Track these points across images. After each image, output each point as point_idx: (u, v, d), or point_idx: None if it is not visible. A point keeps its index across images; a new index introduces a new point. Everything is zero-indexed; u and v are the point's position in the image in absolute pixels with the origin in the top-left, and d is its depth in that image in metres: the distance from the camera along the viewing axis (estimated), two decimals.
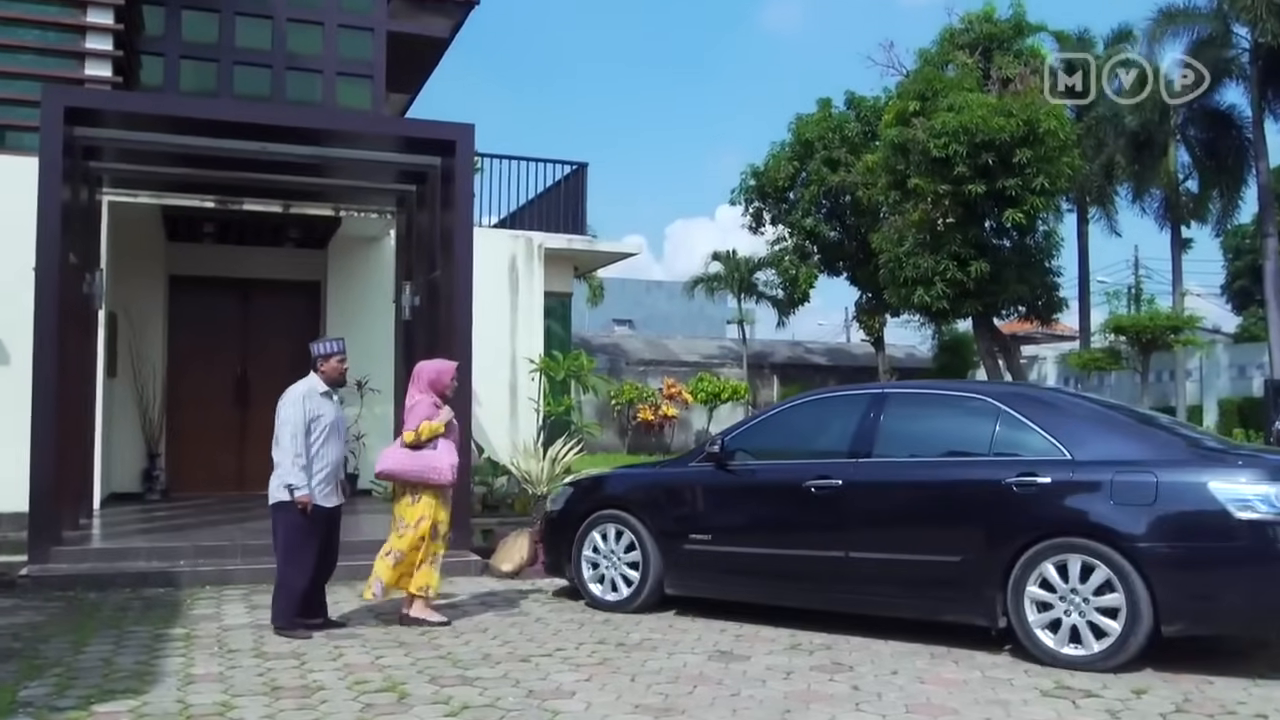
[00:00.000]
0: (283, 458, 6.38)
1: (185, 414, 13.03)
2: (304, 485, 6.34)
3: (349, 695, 5.10)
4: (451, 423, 6.80)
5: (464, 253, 9.17)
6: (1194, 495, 5.50)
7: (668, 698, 5.10)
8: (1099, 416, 6.28)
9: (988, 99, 20.15)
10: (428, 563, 6.68)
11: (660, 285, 52.61)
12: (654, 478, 7.69)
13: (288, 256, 13.68)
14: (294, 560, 6.44)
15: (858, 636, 6.34)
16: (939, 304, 20.78)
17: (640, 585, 7.16)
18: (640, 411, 27.07)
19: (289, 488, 6.35)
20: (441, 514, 6.73)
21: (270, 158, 9.67)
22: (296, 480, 6.34)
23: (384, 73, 13.15)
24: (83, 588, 7.76)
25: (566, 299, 15.31)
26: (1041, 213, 20.46)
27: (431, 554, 6.69)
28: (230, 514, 10.75)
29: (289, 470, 6.35)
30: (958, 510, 6.14)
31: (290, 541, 6.44)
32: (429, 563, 6.68)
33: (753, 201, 29.18)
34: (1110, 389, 27.72)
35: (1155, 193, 29.30)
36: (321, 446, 6.47)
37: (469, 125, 9.30)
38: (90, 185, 9.79)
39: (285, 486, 6.36)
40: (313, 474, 6.42)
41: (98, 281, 9.76)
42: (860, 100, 27.88)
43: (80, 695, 5.05)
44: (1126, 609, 5.45)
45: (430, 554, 6.68)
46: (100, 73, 11.16)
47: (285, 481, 6.36)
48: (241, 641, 6.22)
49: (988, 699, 5.09)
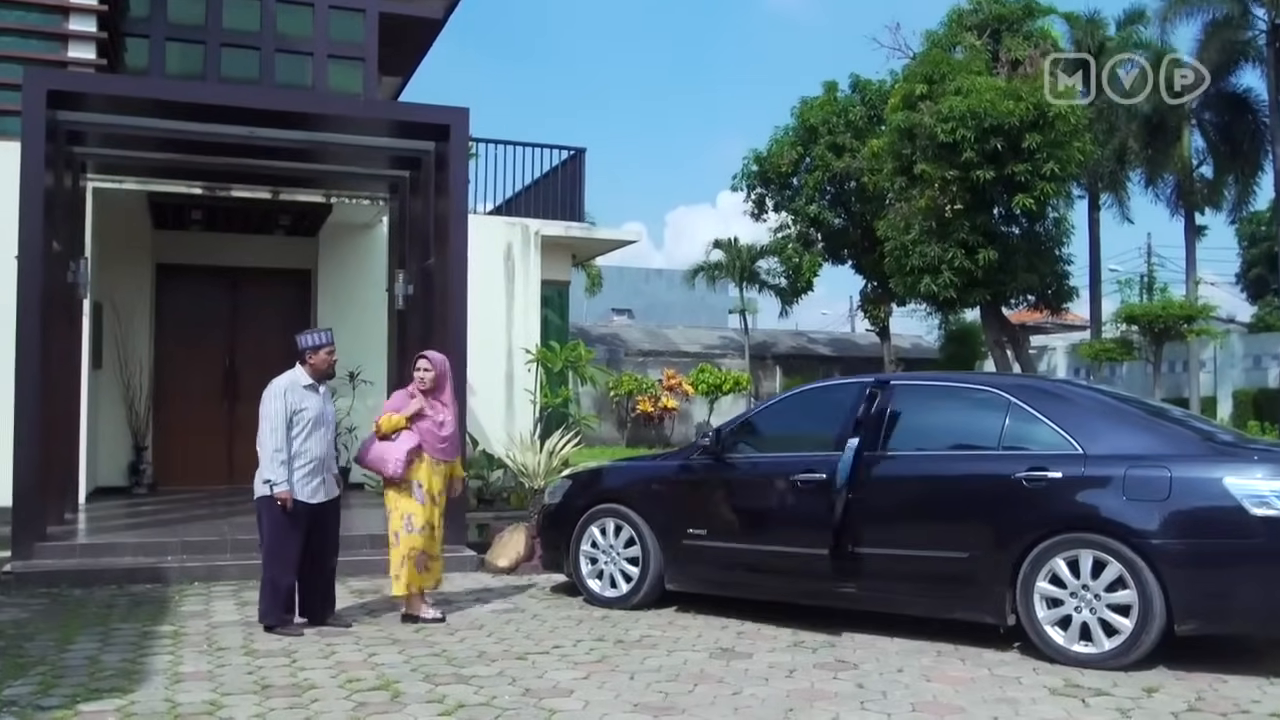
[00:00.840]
0: (262, 453, 6.40)
1: (172, 406, 13.03)
2: (282, 481, 6.34)
3: (341, 694, 5.10)
4: (427, 412, 6.79)
5: (459, 240, 9.16)
6: (1208, 491, 5.50)
7: (668, 696, 5.10)
8: (1111, 409, 6.27)
9: (996, 82, 20.11)
10: (409, 558, 6.69)
11: (660, 274, 52.58)
12: (654, 471, 7.69)
13: (278, 244, 13.66)
14: (278, 556, 6.44)
15: (862, 634, 6.35)
16: (946, 293, 20.77)
17: (640, 581, 7.16)
18: (639, 403, 27.08)
19: (268, 483, 6.36)
20: (406, 506, 6.72)
21: (259, 143, 9.64)
22: (275, 476, 6.34)
23: (376, 55, 13.12)
24: (68, 584, 7.76)
25: (564, 288, 15.29)
26: (1051, 199, 20.43)
27: (407, 549, 6.70)
28: (219, 508, 10.75)
29: (267, 465, 6.36)
30: (965, 505, 6.14)
31: (273, 538, 6.45)
32: (409, 558, 6.69)
33: (755, 188, 29.14)
34: (1122, 380, 27.74)
35: (1169, 178, 29.31)
36: (304, 441, 6.46)
37: (463, 109, 9.27)
38: (74, 171, 9.77)
39: (265, 482, 6.38)
40: (294, 469, 6.41)
41: (82, 270, 9.74)
42: (866, 84, 27.83)
43: (65, 694, 5.05)
44: (1139, 606, 5.45)
45: (407, 549, 6.70)
46: (84, 55, 11.13)
47: (264, 477, 6.38)
48: (231, 639, 6.22)
49: (995, 697, 5.09)
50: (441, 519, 6.95)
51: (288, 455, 6.38)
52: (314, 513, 6.53)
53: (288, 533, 6.42)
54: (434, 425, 6.81)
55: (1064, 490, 5.79)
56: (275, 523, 6.42)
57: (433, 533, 6.81)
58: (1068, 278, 22.70)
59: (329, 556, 6.75)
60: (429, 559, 6.80)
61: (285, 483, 6.35)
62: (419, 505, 6.73)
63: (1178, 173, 28.73)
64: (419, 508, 6.73)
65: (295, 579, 6.47)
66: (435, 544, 6.86)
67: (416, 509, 6.72)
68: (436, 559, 6.89)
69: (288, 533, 6.42)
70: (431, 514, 6.79)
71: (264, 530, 6.49)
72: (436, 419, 6.83)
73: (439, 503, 6.87)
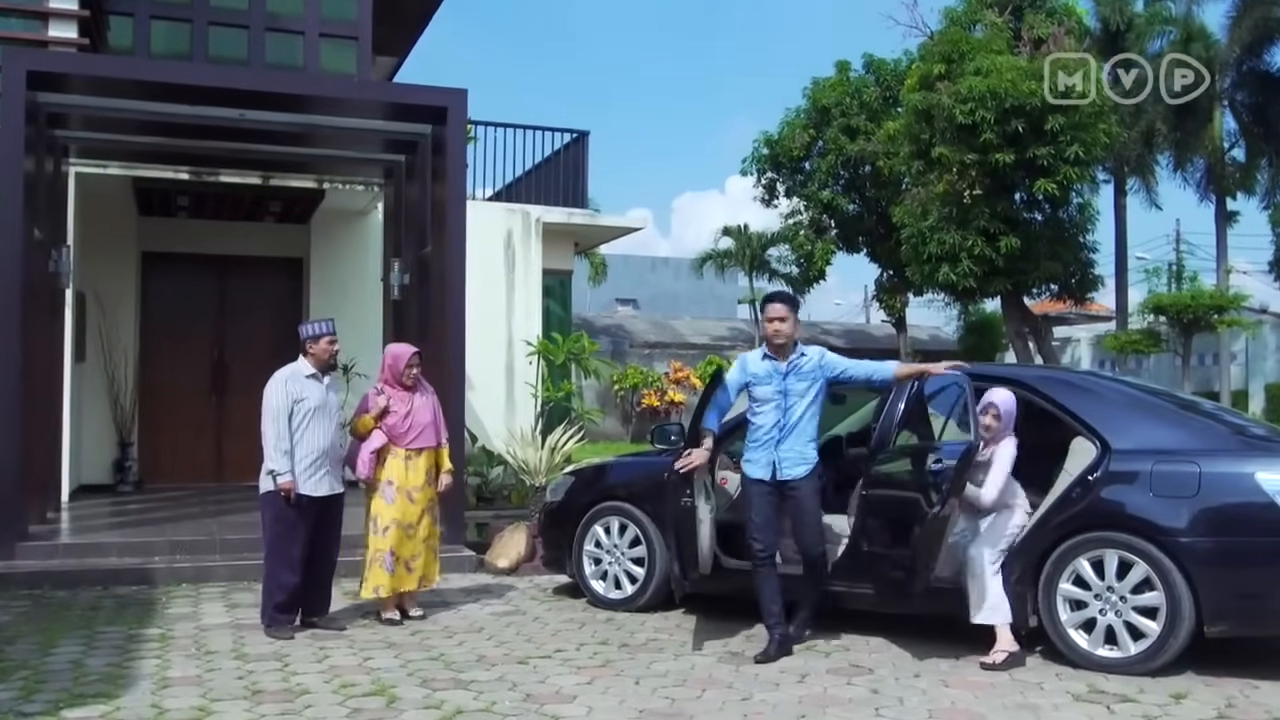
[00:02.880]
0: (266, 444, 6.45)
1: (159, 400, 13.04)
2: (286, 471, 6.37)
3: (335, 699, 5.11)
4: (392, 406, 6.83)
5: (456, 228, 9.16)
6: (1239, 487, 5.49)
7: (674, 702, 5.11)
8: (1137, 402, 6.26)
9: (1018, 61, 20.05)
10: (374, 561, 6.75)
11: (666, 262, 52.61)
12: (661, 467, 7.67)
13: (268, 232, 13.67)
14: (279, 554, 6.47)
15: (877, 637, 6.35)
16: (965, 282, 20.74)
17: (645, 582, 7.16)
18: (645, 397, 27.09)
19: (271, 474, 6.40)
20: (374, 507, 6.82)
21: (249, 126, 9.64)
22: (279, 466, 6.38)
23: (370, 34, 13.08)
24: (51, 586, 7.78)
25: (566, 277, 15.30)
26: (1076, 184, 20.37)
27: (374, 550, 6.76)
28: (208, 506, 10.78)
29: (271, 456, 6.41)
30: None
31: (275, 533, 6.48)
32: (374, 560, 6.75)
33: (765, 172, 29.11)
34: (1149, 374, 27.71)
35: (1198, 162, 29.24)
36: (305, 431, 6.49)
37: (461, 90, 9.27)
38: (56, 155, 9.78)
39: (268, 473, 6.43)
40: (296, 460, 6.43)
41: (64, 259, 9.75)
42: (881, 63, 27.76)
43: (49, 700, 5.07)
44: (1166, 608, 5.44)
45: (373, 550, 6.76)
46: (65, 34, 11.10)
47: (267, 468, 6.43)
48: (220, 642, 6.24)
49: (1016, 703, 5.09)
50: (428, 516, 6.96)
51: (290, 445, 6.42)
52: (318, 507, 6.56)
53: (290, 529, 6.45)
54: (399, 419, 6.85)
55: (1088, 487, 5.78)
56: (277, 518, 6.46)
57: (409, 531, 6.80)
58: (1092, 266, 22.67)
59: (330, 553, 6.79)
60: (400, 560, 6.78)
61: (289, 473, 6.38)
62: (386, 505, 6.78)
63: (1208, 156, 28.64)
64: (386, 508, 6.77)
65: (298, 577, 6.49)
66: (413, 543, 6.82)
67: (384, 509, 6.78)
68: (418, 558, 6.87)
69: (290, 529, 6.45)
70: (406, 512, 6.80)
71: (266, 526, 6.53)
72: (401, 411, 6.87)
73: (418, 500, 6.87)
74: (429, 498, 6.97)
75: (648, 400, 27.15)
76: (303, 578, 6.52)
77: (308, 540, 6.52)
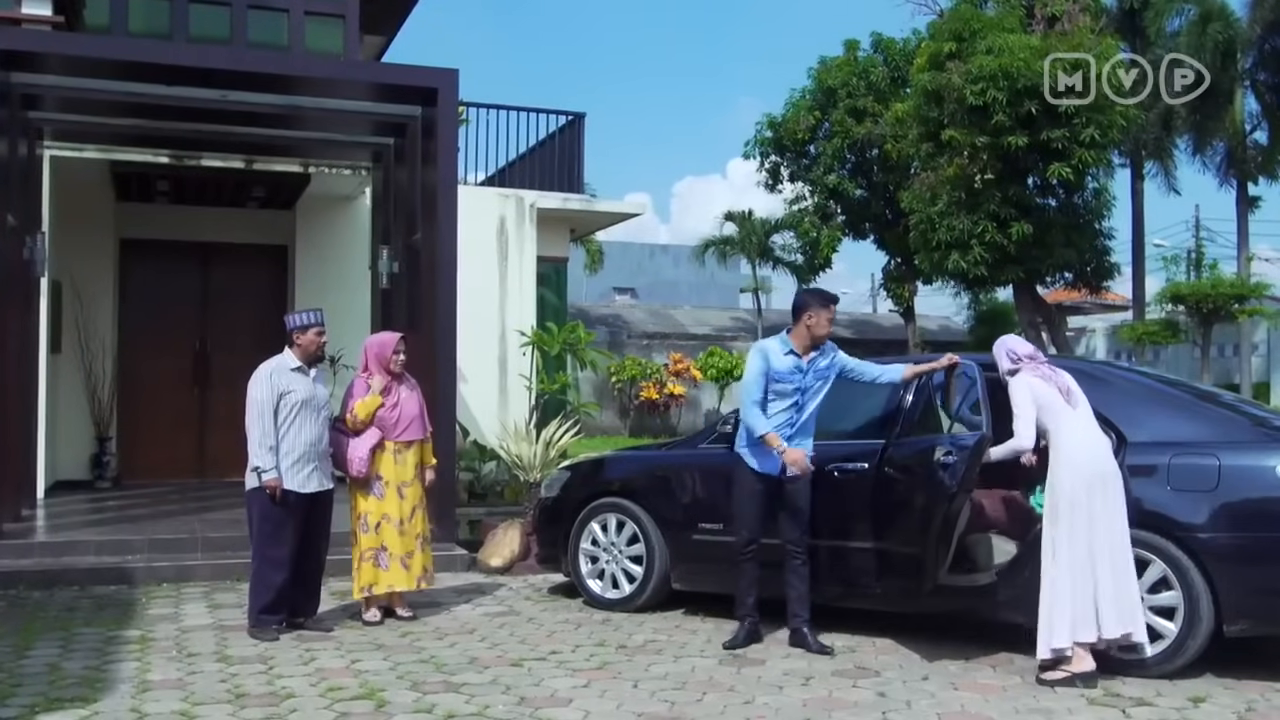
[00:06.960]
0: (250, 440, 6.45)
1: (138, 393, 13.04)
2: (271, 468, 6.37)
3: (321, 703, 5.11)
4: (385, 401, 6.84)
5: (447, 214, 9.15)
6: (1261, 480, 5.49)
7: (674, 705, 5.11)
8: (1154, 393, 6.26)
9: (1031, 40, 20.03)
10: (364, 558, 6.79)
11: (666, 249, 52.61)
12: (660, 461, 7.69)
13: (251, 218, 13.66)
14: (265, 552, 6.48)
15: (884, 638, 6.35)
16: (976, 270, 20.74)
17: (644, 581, 7.17)
18: (643, 389, 27.03)
19: (256, 470, 6.40)
20: (362, 504, 6.84)
21: (231, 108, 9.63)
22: (264, 463, 6.39)
23: (357, 12, 13.06)
24: (26, 586, 7.78)
25: (562, 265, 15.29)
26: (1091, 168, 20.37)
27: (365, 547, 6.79)
28: (189, 504, 10.79)
29: (255, 453, 6.42)
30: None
31: (262, 532, 6.50)
32: (364, 558, 6.79)
33: (769, 156, 29.09)
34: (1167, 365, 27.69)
35: (1219, 145, 29.21)
36: (292, 426, 6.49)
37: (452, 71, 9.25)
38: (30, 138, 9.75)
39: (252, 470, 6.43)
40: (282, 456, 6.44)
41: (39, 246, 9.73)
42: (889, 43, 27.74)
43: (24, 704, 5.07)
44: (1184, 607, 5.44)
45: (364, 547, 6.79)
46: (39, 11, 11.06)
47: (252, 465, 6.43)
48: (203, 644, 6.24)
49: (1029, 707, 5.10)
50: (419, 511, 6.97)
51: (275, 441, 6.42)
52: (305, 504, 6.56)
53: (277, 526, 6.46)
54: (387, 409, 6.87)
55: None
56: (264, 515, 6.47)
57: (400, 528, 6.82)
58: (1108, 254, 22.65)
59: (319, 552, 6.80)
60: (394, 556, 6.80)
61: (274, 470, 6.38)
62: (376, 501, 6.81)
63: (1229, 139, 28.62)
64: (376, 504, 6.81)
65: (286, 576, 6.49)
66: (405, 540, 6.84)
67: (373, 506, 6.81)
68: (413, 555, 6.88)
69: (277, 526, 6.46)
70: (396, 507, 6.82)
71: (253, 524, 6.54)
72: (389, 401, 6.89)
73: (408, 495, 6.89)
74: (418, 493, 6.99)
75: (646, 393, 27.09)
76: (291, 577, 6.53)
77: (296, 539, 6.53)
